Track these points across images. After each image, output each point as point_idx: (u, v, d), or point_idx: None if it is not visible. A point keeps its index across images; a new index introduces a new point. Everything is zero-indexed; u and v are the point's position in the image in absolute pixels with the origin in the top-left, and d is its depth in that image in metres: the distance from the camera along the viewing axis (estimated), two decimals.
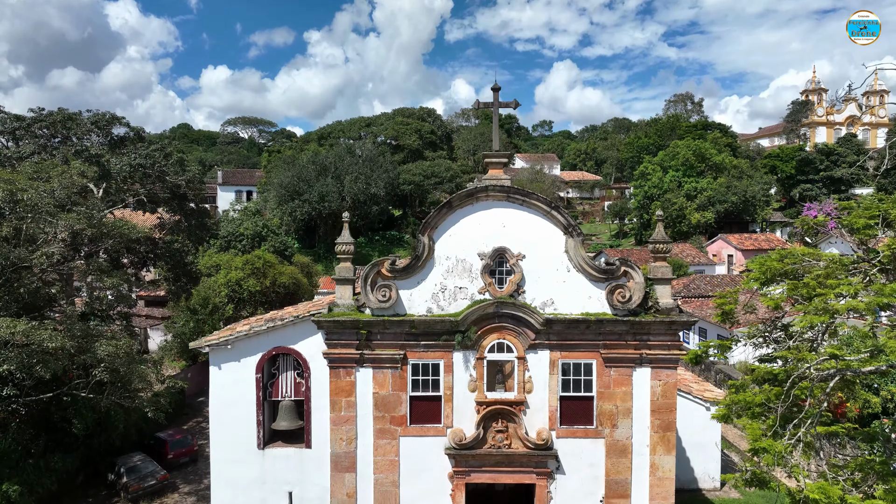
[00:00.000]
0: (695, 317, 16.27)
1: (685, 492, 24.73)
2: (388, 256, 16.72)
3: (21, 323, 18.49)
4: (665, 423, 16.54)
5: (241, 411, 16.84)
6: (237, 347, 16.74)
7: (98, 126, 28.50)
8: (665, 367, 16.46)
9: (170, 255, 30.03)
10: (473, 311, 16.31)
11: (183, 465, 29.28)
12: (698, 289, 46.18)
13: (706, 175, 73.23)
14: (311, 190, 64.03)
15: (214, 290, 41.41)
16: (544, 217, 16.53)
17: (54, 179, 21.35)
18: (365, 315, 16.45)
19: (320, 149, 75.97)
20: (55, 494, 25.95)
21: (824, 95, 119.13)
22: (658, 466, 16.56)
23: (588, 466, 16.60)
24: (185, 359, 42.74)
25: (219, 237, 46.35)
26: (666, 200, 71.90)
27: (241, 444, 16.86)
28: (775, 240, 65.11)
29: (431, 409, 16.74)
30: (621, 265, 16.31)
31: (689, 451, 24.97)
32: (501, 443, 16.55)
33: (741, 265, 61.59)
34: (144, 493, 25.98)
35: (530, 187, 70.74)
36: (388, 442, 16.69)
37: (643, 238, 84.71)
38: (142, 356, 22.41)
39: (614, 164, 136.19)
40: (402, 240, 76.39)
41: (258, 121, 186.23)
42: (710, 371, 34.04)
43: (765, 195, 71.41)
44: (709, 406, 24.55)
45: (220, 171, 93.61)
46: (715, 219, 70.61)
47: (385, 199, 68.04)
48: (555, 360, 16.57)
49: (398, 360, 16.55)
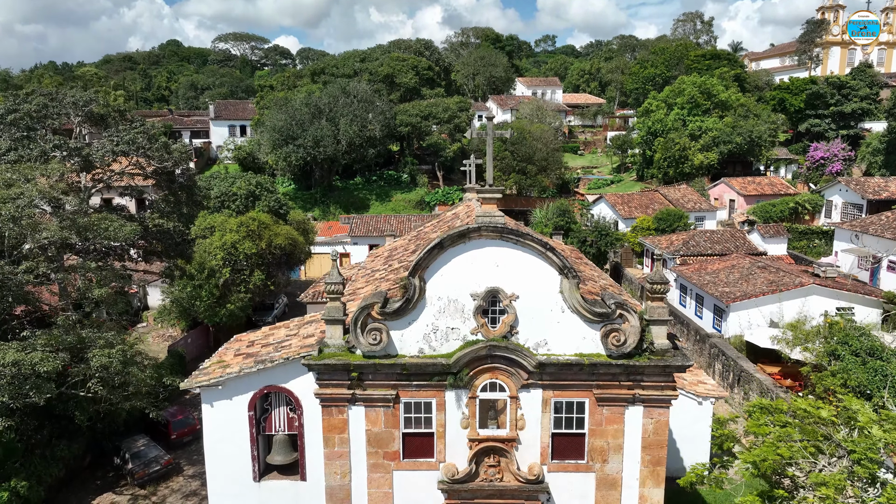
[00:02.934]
0: (689, 360, 16.06)
1: (675, 479, 25.50)
2: (378, 296, 16.28)
3: (10, 352, 18.34)
4: (655, 458, 16.70)
5: (235, 447, 17.00)
6: (228, 387, 16.66)
7: (76, 106, 27.14)
8: (658, 406, 16.43)
9: (161, 236, 29.46)
10: (466, 354, 16.09)
11: (186, 444, 30.14)
12: (698, 246, 45.85)
13: (712, 114, 71.02)
14: (306, 134, 62.25)
15: (210, 254, 41.10)
16: (539, 257, 15.97)
17: (32, 189, 20.55)
18: (356, 356, 16.24)
19: (314, 87, 73.27)
20: (64, 480, 26.83)
21: (841, 13, 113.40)
22: (647, 498, 16.88)
23: (578, 498, 16.93)
24: (185, 322, 43.12)
25: (211, 198, 45.43)
26: (669, 140, 70.15)
27: (237, 478, 17.14)
28: (779, 183, 64.01)
29: (424, 444, 16.87)
30: (617, 308, 15.92)
31: (680, 443, 25.53)
32: (493, 477, 16.79)
33: (742, 211, 60.91)
34: (150, 479, 26.87)
35: (532, 127, 68.92)
36: (382, 475, 16.93)
37: (644, 175, 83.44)
38: (135, 361, 22.27)
39: (618, 89, 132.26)
40: (400, 180, 75.23)
41: (250, 37, 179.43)
42: (705, 344, 34.33)
43: (771, 136, 69.52)
44: (700, 401, 24.86)
45: (212, 104, 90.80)
46: (719, 160, 69.14)
47: (381, 141, 66.33)
48: (547, 398, 16.52)
49: (390, 399, 16.50)
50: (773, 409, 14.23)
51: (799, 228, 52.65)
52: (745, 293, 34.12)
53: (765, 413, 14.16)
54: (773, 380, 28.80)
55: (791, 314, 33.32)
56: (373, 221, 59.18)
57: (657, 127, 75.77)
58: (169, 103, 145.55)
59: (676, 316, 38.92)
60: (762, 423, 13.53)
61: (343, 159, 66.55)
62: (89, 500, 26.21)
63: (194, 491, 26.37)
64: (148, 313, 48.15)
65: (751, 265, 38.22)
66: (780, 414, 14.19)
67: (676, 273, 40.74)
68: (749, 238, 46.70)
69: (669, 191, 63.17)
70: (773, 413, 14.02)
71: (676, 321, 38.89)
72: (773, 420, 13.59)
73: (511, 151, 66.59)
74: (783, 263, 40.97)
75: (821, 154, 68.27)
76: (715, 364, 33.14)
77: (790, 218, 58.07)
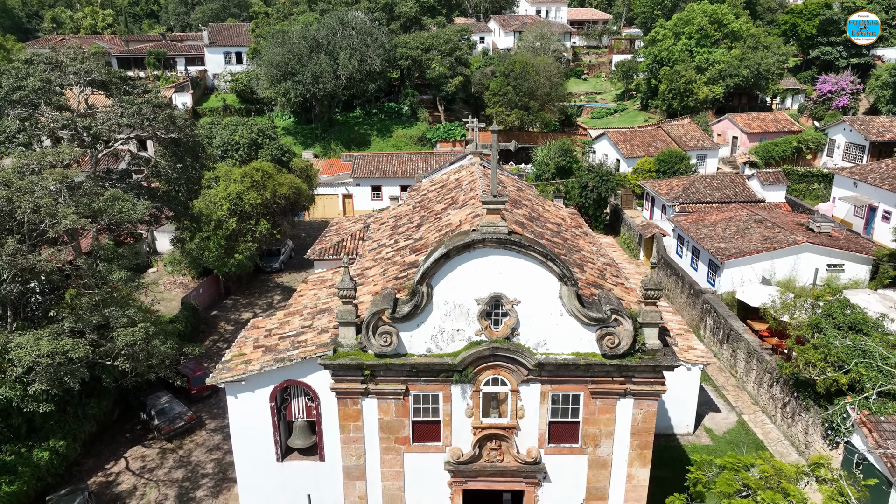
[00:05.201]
0: (678, 360, 17.32)
1: (662, 436, 27.51)
2: (388, 300, 17.29)
3: (44, 343, 19.58)
4: (643, 443, 18.30)
5: (258, 433, 18.58)
6: (250, 382, 18.02)
7: (78, 76, 26.98)
8: (647, 398, 17.82)
9: (169, 201, 30.09)
10: (470, 354, 17.32)
11: (206, 398, 32.14)
12: (697, 192, 46.32)
13: (720, 45, 69.15)
14: (304, 70, 61.04)
15: (216, 204, 41.76)
16: (540, 265, 16.85)
17: (48, 179, 21.12)
18: (368, 356, 17.47)
19: (310, 16, 70.90)
20: (96, 435, 28.96)
21: None
22: (634, 476, 18.63)
23: (572, 477, 18.69)
24: (196, 270, 44.28)
25: (213, 145, 45.46)
26: (675, 72, 68.77)
27: (262, 459, 18.85)
28: (783, 120, 63.40)
29: (432, 430, 18.44)
30: (612, 314, 16.96)
31: (668, 404, 27.34)
32: (495, 459, 18.49)
33: (745, 150, 60.78)
34: (175, 434, 28.97)
35: (535, 60, 67.39)
36: (394, 457, 18.61)
37: (648, 104, 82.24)
38: (157, 335, 23.59)
39: (625, 4, 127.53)
40: (401, 113, 74.32)
41: None
42: (699, 299, 35.67)
43: (779, 68, 68.06)
44: (690, 367, 26.43)
45: (206, 29, 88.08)
46: (724, 93, 68.05)
47: (381, 75, 65.01)
48: (545, 392, 17.90)
49: (400, 392, 17.88)
50: (741, 467, 15.65)
51: (799, 171, 52.87)
52: (740, 250, 35.08)
53: (733, 472, 15.55)
54: (759, 341, 30.30)
55: (783, 271, 34.46)
56: (375, 161, 59.24)
57: (664, 55, 74.00)
58: (159, 20, 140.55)
59: (672, 268, 40.10)
60: (732, 484, 14.90)
61: (343, 95, 65.58)
62: (121, 452, 28.40)
63: (217, 445, 28.48)
64: (157, 258, 49.30)
65: (748, 218, 38.95)
66: (745, 473, 15.54)
67: (675, 224, 41.53)
68: (749, 184, 47.12)
69: (672, 127, 62.70)
70: (738, 471, 15.39)
71: (672, 273, 40.12)
72: (742, 478, 14.96)
73: (514, 87, 65.51)
74: (780, 213, 41.67)
75: (829, 87, 67.13)
76: (707, 319, 34.62)
77: (792, 158, 58.09)
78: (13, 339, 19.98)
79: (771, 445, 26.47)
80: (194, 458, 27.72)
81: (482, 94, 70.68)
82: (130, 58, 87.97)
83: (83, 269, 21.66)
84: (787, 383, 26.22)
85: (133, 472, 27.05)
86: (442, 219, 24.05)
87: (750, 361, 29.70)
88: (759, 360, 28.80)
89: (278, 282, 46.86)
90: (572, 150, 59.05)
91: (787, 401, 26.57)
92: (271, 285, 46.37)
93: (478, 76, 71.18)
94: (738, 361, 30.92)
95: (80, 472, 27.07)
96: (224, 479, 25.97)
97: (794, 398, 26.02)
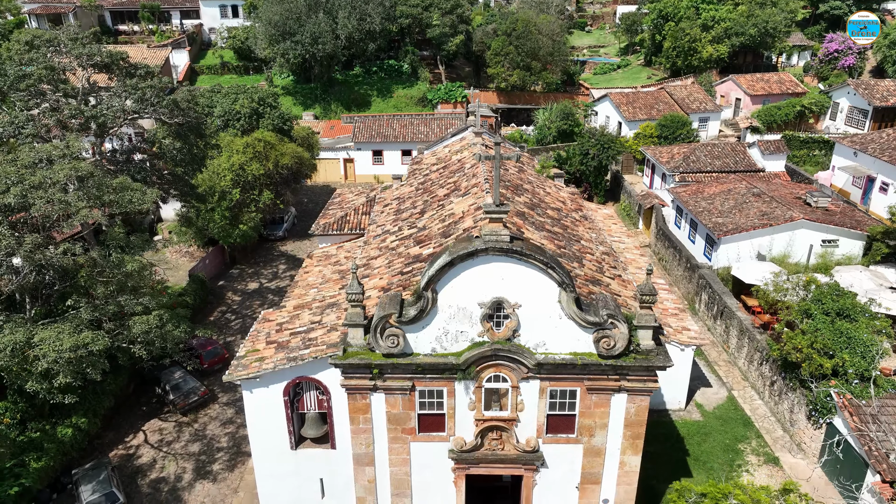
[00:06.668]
0: (670, 360, 18.26)
1: (654, 412, 28.79)
2: (394, 304, 18.06)
3: (66, 338, 20.49)
4: (635, 433, 19.45)
5: (273, 424, 19.72)
6: (264, 379, 19.02)
7: (81, 58, 26.92)
8: (640, 394, 18.86)
9: (175, 181, 30.52)
10: (473, 354, 18.25)
11: (217, 371, 33.39)
12: (698, 161, 46.55)
13: (727, 0, 67.68)
14: (303, 30, 60.03)
15: (219, 175, 42.10)
16: (540, 271, 17.57)
17: (59, 173, 21.60)
18: (376, 356, 18.40)
19: None
20: (114, 410, 30.31)
21: None
22: (626, 464, 19.89)
23: (568, 464, 19.94)
24: (201, 240, 44.91)
25: (214, 115, 45.35)
26: (679, 30, 67.59)
27: (277, 447, 20.07)
28: (788, 81, 62.75)
29: (437, 422, 19.56)
30: (608, 318, 17.78)
31: (661, 382, 28.38)
32: (496, 447, 19.70)
33: (748, 113, 60.45)
34: (190, 408, 30.33)
35: (538, 19, 66.10)
36: (401, 446, 19.81)
37: (652, 61, 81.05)
38: (170, 320, 24.53)
39: None
40: (401, 71, 73.34)
41: None
42: (695, 273, 36.51)
43: (787, 25, 66.82)
44: (683, 348, 27.46)
45: None
46: (729, 52, 67.08)
47: (381, 34, 63.93)
48: (544, 388, 18.93)
49: (407, 388, 18.91)
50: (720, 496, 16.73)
51: (801, 137, 52.81)
52: (738, 226, 35.68)
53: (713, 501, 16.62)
54: (751, 318, 31.28)
55: (780, 247, 35.19)
56: (375, 125, 59.01)
57: (669, 10, 72.58)
58: None
59: (670, 239, 40.78)
60: None
61: (342, 55, 64.67)
62: (139, 425, 29.81)
63: (230, 419, 29.86)
64: (162, 226, 49.86)
65: (746, 191, 39.39)
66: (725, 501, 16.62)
67: (674, 195, 41.97)
68: (749, 153, 47.26)
69: (675, 88, 62.16)
70: (717, 500, 16.46)
71: (669, 245, 40.83)
72: None
73: (515, 46, 64.54)
74: (778, 185, 42.03)
75: (835, 46, 66.13)
76: (702, 294, 35.55)
77: (794, 122, 57.88)
78: (36, 333, 20.87)
79: (758, 422, 27.81)
80: (209, 431, 29.12)
81: (483, 52, 69.62)
82: (124, 11, 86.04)
83: (98, 260, 22.29)
84: (776, 363, 27.32)
85: (151, 446, 28.49)
86: (444, 207, 24.62)
87: (742, 339, 30.78)
88: (751, 339, 29.86)
89: (283, 250, 47.61)
90: (574, 114, 58.75)
91: (775, 380, 27.75)
92: (276, 254, 47.14)
93: (479, 34, 69.87)
94: (731, 338, 32.01)
95: (101, 445, 28.52)
96: (238, 454, 27.42)
97: (781, 378, 27.18)
